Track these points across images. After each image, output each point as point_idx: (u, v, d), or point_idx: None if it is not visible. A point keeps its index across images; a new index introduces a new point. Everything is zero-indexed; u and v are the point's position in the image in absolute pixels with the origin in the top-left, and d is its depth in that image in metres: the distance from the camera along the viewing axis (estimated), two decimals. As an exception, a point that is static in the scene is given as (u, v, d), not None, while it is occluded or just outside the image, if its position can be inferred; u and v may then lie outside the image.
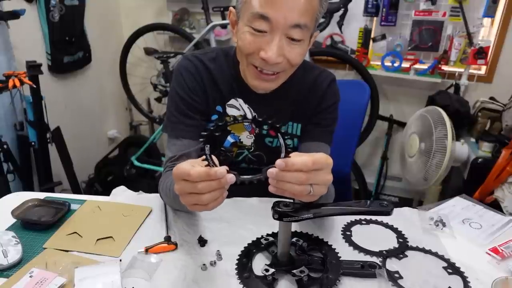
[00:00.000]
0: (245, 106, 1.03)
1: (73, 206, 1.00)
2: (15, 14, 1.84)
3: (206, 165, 0.64)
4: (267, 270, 0.76)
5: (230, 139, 1.06)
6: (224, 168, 0.64)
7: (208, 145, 0.65)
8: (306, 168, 0.64)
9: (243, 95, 1.02)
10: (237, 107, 1.03)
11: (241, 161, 1.09)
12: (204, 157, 0.65)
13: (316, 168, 0.65)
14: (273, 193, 0.68)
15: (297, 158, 0.64)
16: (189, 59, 1.01)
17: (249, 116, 1.03)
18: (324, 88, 1.05)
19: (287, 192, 0.66)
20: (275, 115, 1.03)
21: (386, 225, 0.97)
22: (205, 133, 0.65)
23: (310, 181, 0.65)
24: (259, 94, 0.99)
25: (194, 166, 0.65)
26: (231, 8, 0.93)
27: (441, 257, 0.85)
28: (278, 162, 0.64)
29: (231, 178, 0.64)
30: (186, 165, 0.65)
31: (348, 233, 0.93)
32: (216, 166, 0.64)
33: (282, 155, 0.65)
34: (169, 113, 1.02)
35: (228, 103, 1.03)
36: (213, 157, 0.66)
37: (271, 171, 0.65)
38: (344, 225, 0.96)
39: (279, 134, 0.66)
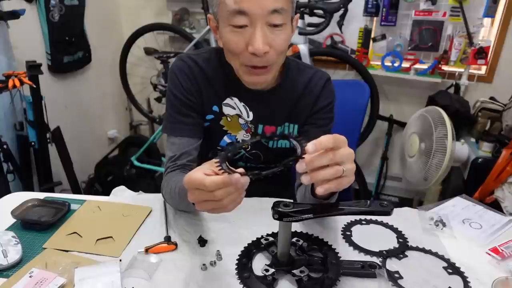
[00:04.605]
0: (241, 105, 1.03)
1: (73, 206, 1.00)
2: (15, 14, 1.84)
3: (222, 172, 0.62)
4: (267, 270, 0.76)
5: (226, 139, 1.06)
6: (239, 174, 0.62)
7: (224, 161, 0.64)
8: (330, 144, 0.63)
9: (237, 94, 1.02)
10: (232, 106, 1.03)
11: (238, 159, 1.10)
12: (217, 160, 0.64)
13: (338, 146, 0.64)
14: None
15: (318, 139, 0.64)
16: (183, 59, 1.02)
17: (244, 114, 1.04)
18: (320, 88, 1.05)
19: (325, 180, 0.65)
20: (271, 113, 1.03)
21: (386, 225, 0.97)
22: (226, 152, 0.65)
23: (338, 159, 0.64)
24: (254, 92, 1.00)
25: (206, 174, 0.63)
26: (209, 15, 0.94)
27: (441, 257, 0.85)
28: (309, 145, 0.63)
29: (247, 180, 0.63)
30: (198, 174, 0.63)
31: (348, 233, 0.93)
32: (232, 171, 0.62)
33: (299, 151, 0.66)
34: (167, 113, 1.03)
35: (224, 102, 1.03)
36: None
37: (302, 162, 0.64)
38: (344, 225, 0.96)
39: (292, 140, 0.66)
